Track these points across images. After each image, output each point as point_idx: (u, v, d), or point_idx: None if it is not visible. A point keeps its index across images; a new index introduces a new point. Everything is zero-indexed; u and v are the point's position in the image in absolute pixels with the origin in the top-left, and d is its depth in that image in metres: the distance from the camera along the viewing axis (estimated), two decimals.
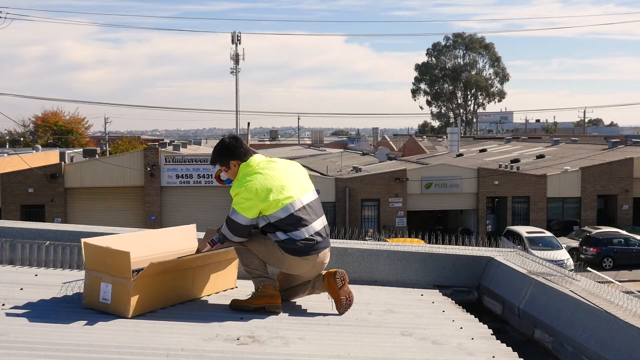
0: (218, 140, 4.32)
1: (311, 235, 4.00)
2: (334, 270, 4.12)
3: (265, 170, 4.04)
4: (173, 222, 27.72)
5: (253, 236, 4.10)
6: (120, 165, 32.24)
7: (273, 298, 4.02)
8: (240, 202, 3.95)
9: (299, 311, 4.17)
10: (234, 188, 4.02)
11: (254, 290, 4.14)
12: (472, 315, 4.40)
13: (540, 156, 42.77)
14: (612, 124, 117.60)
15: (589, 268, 7.07)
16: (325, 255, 4.15)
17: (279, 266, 4.13)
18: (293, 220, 3.97)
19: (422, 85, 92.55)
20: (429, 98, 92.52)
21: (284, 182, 4.02)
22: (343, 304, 4.08)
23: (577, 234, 31.65)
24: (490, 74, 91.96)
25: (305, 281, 4.23)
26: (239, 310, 4.02)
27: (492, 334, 3.92)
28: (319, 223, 4.09)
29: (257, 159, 4.13)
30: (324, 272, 4.17)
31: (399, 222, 33.23)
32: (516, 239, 28.39)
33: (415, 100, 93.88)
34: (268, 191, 3.94)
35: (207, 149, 51.85)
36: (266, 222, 4.00)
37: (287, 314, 4.04)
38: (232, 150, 4.13)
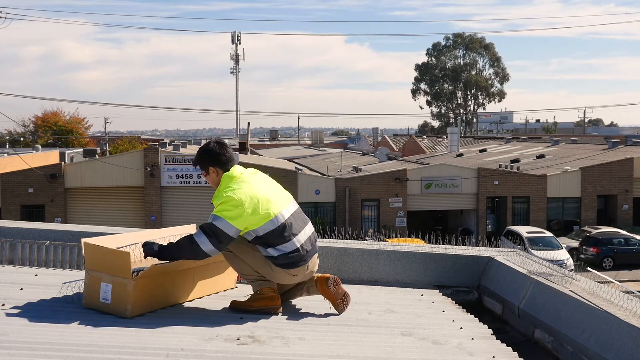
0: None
1: (301, 245, 3.95)
2: (326, 276, 4.08)
3: (251, 181, 3.93)
4: (173, 222, 27.71)
5: (241, 247, 3.98)
6: (120, 165, 32.26)
7: (272, 300, 4.00)
8: (227, 210, 3.75)
9: (299, 311, 4.16)
10: (218, 197, 3.86)
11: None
12: (472, 315, 4.39)
13: (540, 156, 42.77)
14: (612, 124, 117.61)
15: (589, 268, 7.06)
16: (314, 264, 4.11)
17: (268, 278, 4.04)
18: (282, 232, 3.87)
19: (422, 85, 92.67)
20: (429, 98, 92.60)
21: (269, 195, 3.93)
22: (341, 306, 4.07)
23: (577, 234, 31.67)
24: (490, 74, 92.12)
25: (298, 284, 4.18)
26: (238, 312, 4.01)
27: (492, 334, 3.92)
28: (308, 230, 4.06)
29: (240, 170, 4.00)
30: (316, 275, 4.14)
31: (399, 222, 33.25)
32: (516, 239, 28.39)
33: (415, 100, 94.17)
34: (257, 201, 3.82)
35: None
36: (254, 236, 3.89)
37: (287, 314, 4.04)
38: (213, 156, 3.97)
